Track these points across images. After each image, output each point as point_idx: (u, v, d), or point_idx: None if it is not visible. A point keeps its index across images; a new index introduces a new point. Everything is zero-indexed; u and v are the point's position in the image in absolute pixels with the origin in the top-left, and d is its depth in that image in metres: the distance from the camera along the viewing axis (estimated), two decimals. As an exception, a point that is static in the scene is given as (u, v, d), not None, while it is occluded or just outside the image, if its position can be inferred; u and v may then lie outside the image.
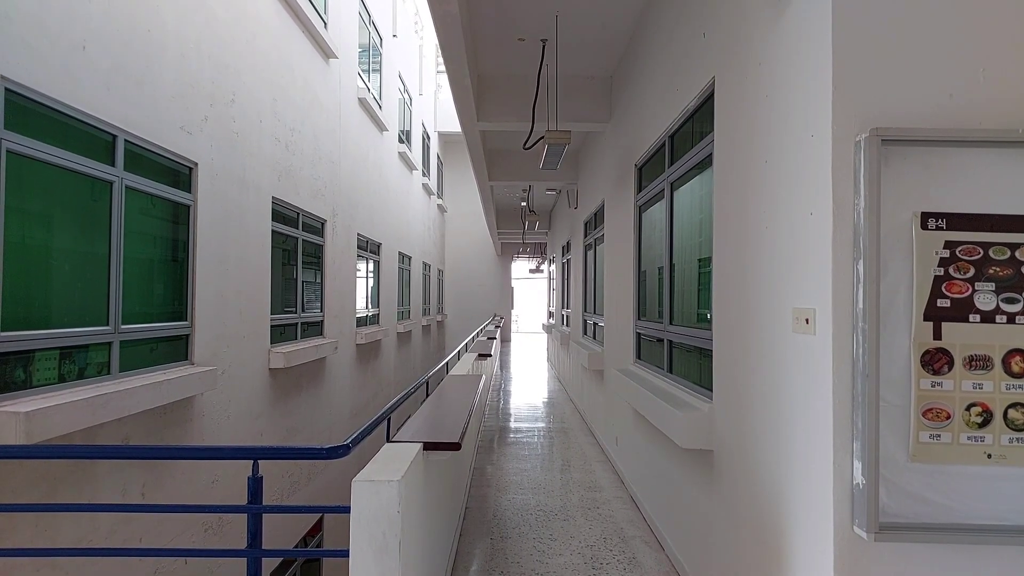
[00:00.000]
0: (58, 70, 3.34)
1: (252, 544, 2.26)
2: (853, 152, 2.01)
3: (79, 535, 3.42)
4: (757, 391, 2.64)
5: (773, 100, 2.51)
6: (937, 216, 1.96)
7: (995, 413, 1.94)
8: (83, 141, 3.61)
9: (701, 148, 3.54)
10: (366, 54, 10.54)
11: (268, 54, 6.10)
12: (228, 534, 4.93)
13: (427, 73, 18.02)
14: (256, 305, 5.81)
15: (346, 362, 8.82)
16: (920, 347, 1.96)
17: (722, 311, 3.12)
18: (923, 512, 1.97)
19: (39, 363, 3.30)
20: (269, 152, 6.14)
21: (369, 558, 2.03)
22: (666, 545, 4.04)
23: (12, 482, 3.02)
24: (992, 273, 1.95)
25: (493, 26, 5.25)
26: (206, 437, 4.78)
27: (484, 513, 4.78)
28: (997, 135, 1.95)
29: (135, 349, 4.09)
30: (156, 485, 4.11)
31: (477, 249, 23.09)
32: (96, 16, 3.63)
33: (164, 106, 4.31)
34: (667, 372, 4.21)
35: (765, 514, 2.53)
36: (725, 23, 3.10)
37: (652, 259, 4.83)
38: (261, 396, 5.87)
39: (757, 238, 2.67)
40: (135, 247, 4.10)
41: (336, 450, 2.26)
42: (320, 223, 7.90)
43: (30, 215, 3.29)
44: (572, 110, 6.40)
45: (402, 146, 13.15)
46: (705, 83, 3.39)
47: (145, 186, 4.16)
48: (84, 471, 3.48)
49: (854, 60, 2.03)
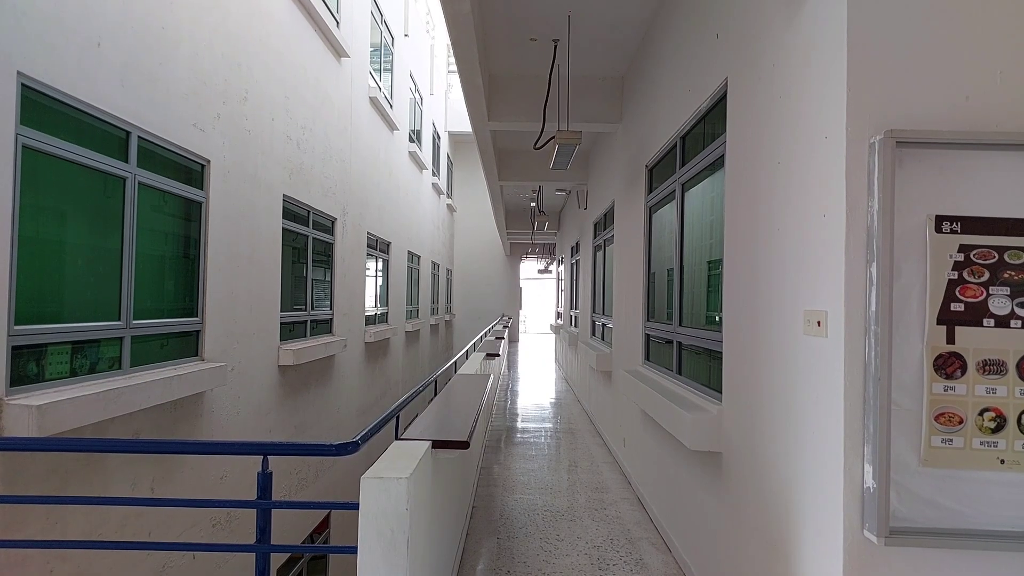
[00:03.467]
0: (73, 66, 3.37)
1: (261, 539, 2.27)
2: (867, 154, 2.00)
3: (89, 528, 3.45)
4: (767, 393, 2.63)
5: (787, 101, 2.49)
6: (952, 219, 1.95)
7: (1009, 418, 1.92)
8: (97, 137, 3.64)
9: (713, 149, 3.52)
10: (377, 53, 10.57)
11: (281, 52, 6.13)
12: (236, 530, 4.96)
13: (438, 73, 18.05)
14: (266, 302, 5.84)
15: (355, 360, 8.85)
16: (933, 351, 1.94)
17: (733, 313, 3.11)
18: (934, 517, 1.95)
19: (52, 357, 3.33)
20: (281, 150, 6.17)
21: (377, 555, 2.04)
22: (673, 547, 4.03)
23: (24, 475, 3.05)
24: (1007, 277, 1.93)
25: (505, 26, 5.25)
26: (215, 433, 4.81)
27: (491, 512, 4.78)
28: (1014, 138, 1.93)
29: (146, 345, 4.12)
30: (165, 480, 4.14)
31: (486, 249, 23.09)
32: (111, 13, 3.66)
33: (177, 103, 4.34)
34: (676, 374, 4.20)
35: (774, 517, 2.52)
36: (738, 24, 3.08)
37: (662, 260, 4.81)
38: (270, 393, 5.90)
39: (768, 240, 2.65)
40: (147, 243, 4.14)
41: (346, 447, 2.26)
42: (330, 221, 7.94)
43: (45, 210, 3.32)
44: (583, 110, 6.39)
45: (412, 145, 13.17)
46: (718, 84, 3.38)
47: (158, 183, 4.19)
48: (95, 465, 3.51)
49: (869, 61, 2.02)
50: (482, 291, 23.16)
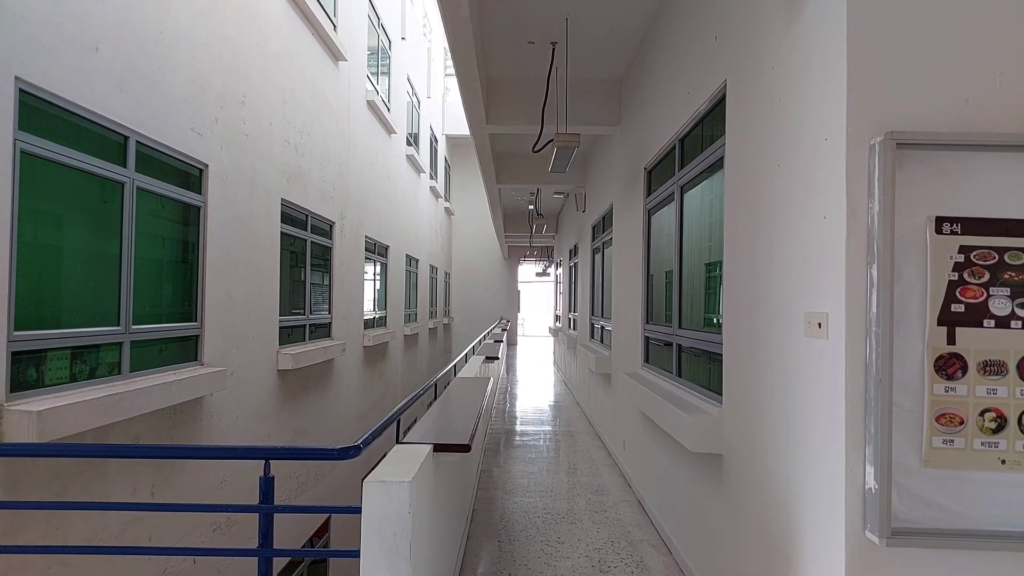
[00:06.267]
0: (71, 71, 3.37)
1: (264, 544, 2.27)
2: (867, 155, 2.00)
3: (90, 533, 3.44)
4: (768, 395, 2.63)
5: (786, 103, 2.50)
6: (952, 220, 1.95)
7: (1010, 419, 1.92)
8: (95, 142, 3.63)
9: (712, 151, 3.53)
10: (375, 57, 10.58)
11: (278, 56, 6.14)
12: (236, 534, 4.95)
13: (435, 76, 18.07)
14: (265, 306, 5.83)
15: (353, 364, 8.83)
16: (934, 352, 1.95)
17: (733, 315, 3.11)
18: (936, 517, 1.95)
19: (51, 363, 3.32)
20: (279, 154, 6.17)
21: (380, 558, 2.04)
22: (674, 549, 4.03)
23: (24, 480, 3.04)
24: (1007, 278, 1.93)
25: (503, 29, 5.26)
26: (215, 437, 4.80)
27: (491, 515, 4.78)
28: (1014, 139, 1.94)
29: (145, 349, 4.11)
30: (165, 485, 4.13)
31: (484, 252, 23.10)
32: (109, 18, 3.66)
33: (175, 108, 4.34)
34: (676, 376, 4.20)
35: (775, 518, 2.52)
36: (737, 26, 3.10)
37: (661, 263, 4.82)
38: (269, 397, 5.88)
39: (769, 242, 2.66)
40: (146, 248, 4.13)
41: (347, 451, 2.26)
42: (328, 225, 7.93)
43: (43, 216, 3.32)
44: (581, 113, 6.40)
45: (410, 149, 13.18)
46: (716, 86, 3.39)
47: (156, 187, 4.19)
48: (95, 470, 3.50)
49: (869, 63, 2.03)
50: (480, 294, 23.16)
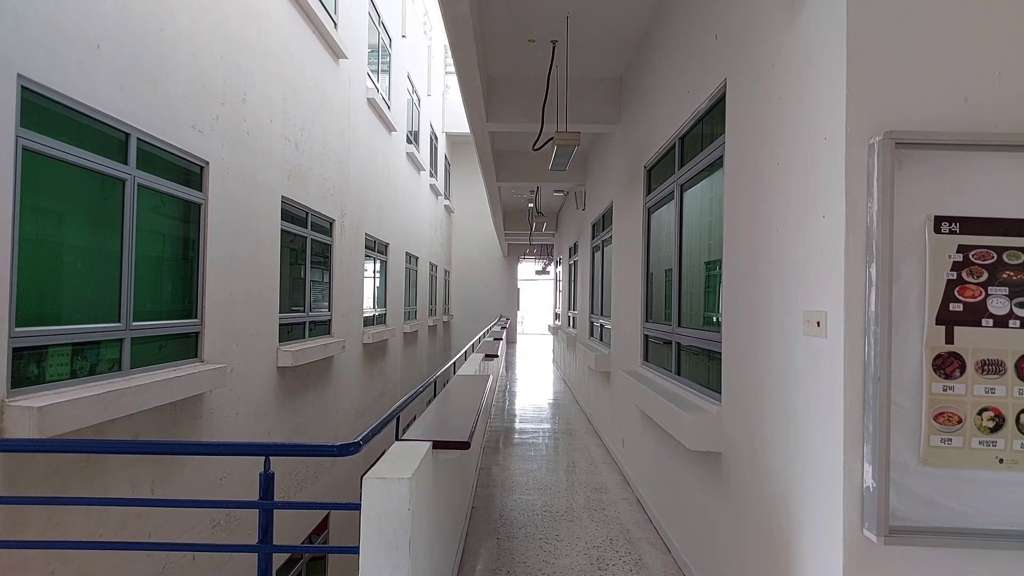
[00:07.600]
0: (73, 69, 3.37)
1: (264, 540, 2.28)
2: (866, 155, 2.01)
3: (90, 529, 3.45)
4: (767, 393, 2.64)
5: (786, 102, 2.51)
6: (951, 220, 1.96)
7: (1007, 418, 1.93)
8: (97, 139, 3.64)
9: (712, 150, 3.54)
10: (375, 54, 10.57)
11: (279, 54, 6.14)
12: (235, 530, 4.96)
13: (435, 74, 18.05)
14: (265, 304, 5.84)
15: (353, 361, 8.84)
16: (932, 351, 1.96)
17: (732, 313, 3.12)
18: (934, 516, 1.96)
19: (52, 359, 3.33)
20: (279, 151, 6.17)
21: (380, 555, 2.04)
22: (672, 547, 4.04)
23: (25, 476, 3.05)
24: (1006, 278, 1.94)
25: (503, 27, 5.26)
26: (215, 434, 4.81)
27: (490, 513, 4.79)
28: (1013, 138, 1.94)
29: (146, 346, 4.12)
30: (165, 481, 4.14)
31: (484, 250, 23.11)
32: (110, 15, 3.67)
33: (176, 105, 4.34)
34: (675, 374, 4.21)
35: (774, 516, 2.53)
36: (737, 25, 3.10)
37: (661, 261, 4.82)
38: (269, 394, 5.89)
39: (768, 240, 2.67)
40: (146, 245, 4.14)
41: (347, 447, 2.27)
42: (328, 223, 7.93)
43: (45, 213, 3.32)
44: (582, 111, 6.40)
45: (410, 146, 13.18)
46: (716, 85, 3.39)
47: (157, 184, 4.19)
48: (95, 466, 3.51)
49: (868, 62, 2.03)
50: (480, 292, 23.16)
